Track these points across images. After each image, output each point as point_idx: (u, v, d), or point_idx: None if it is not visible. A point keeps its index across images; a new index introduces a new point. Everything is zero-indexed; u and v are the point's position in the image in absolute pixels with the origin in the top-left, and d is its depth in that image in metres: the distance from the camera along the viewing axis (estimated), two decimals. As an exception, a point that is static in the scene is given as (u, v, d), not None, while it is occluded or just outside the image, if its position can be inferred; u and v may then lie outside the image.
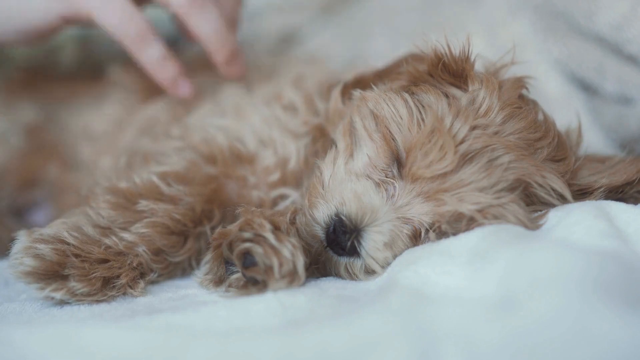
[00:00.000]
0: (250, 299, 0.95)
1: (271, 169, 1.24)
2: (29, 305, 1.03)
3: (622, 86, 1.42)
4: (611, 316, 0.74)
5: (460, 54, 1.11)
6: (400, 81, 1.16)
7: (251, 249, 1.00)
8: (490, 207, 1.00)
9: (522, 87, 1.13)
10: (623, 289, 0.79)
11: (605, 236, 0.94)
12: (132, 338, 0.83)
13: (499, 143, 1.02)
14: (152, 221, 1.13)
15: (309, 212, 1.09)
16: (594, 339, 0.72)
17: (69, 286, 1.02)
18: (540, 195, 1.05)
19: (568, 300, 0.77)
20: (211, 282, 1.07)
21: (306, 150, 1.24)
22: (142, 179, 1.17)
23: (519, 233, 0.97)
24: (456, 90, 1.10)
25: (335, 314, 0.90)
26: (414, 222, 1.04)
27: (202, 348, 0.80)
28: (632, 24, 1.38)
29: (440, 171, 1.00)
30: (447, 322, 0.80)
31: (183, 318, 0.90)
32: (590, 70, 1.47)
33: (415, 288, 0.91)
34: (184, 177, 1.19)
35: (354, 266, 1.06)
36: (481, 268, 0.89)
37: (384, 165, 1.08)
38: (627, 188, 1.10)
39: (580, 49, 1.48)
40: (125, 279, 1.07)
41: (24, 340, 0.82)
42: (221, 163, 1.23)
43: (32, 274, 1.01)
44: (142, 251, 1.11)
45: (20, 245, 1.04)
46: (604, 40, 1.43)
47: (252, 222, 1.03)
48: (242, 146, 1.25)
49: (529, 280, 0.83)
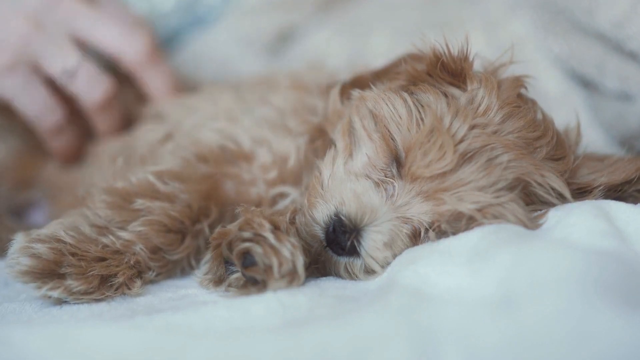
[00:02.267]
0: (250, 299, 0.95)
1: (268, 166, 1.24)
2: (29, 305, 1.04)
3: (622, 83, 1.42)
4: (612, 316, 0.74)
5: (459, 54, 1.11)
6: (399, 81, 1.15)
7: (251, 249, 1.00)
8: (490, 206, 1.00)
9: (521, 86, 1.13)
10: (623, 288, 0.80)
11: (605, 236, 0.94)
12: (132, 338, 0.83)
13: (498, 142, 1.02)
14: (148, 219, 1.13)
15: (309, 212, 1.09)
16: (595, 338, 0.72)
17: (65, 285, 1.02)
18: (539, 194, 1.05)
19: (569, 300, 0.77)
20: (211, 282, 1.07)
21: (306, 148, 1.23)
22: (138, 177, 1.17)
23: (519, 233, 0.97)
24: (455, 89, 1.10)
25: (335, 313, 0.90)
26: (413, 222, 1.04)
27: (202, 348, 0.80)
28: (632, 20, 1.37)
29: (440, 170, 1.00)
30: (447, 322, 0.80)
31: (183, 318, 0.90)
32: (590, 67, 1.47)
33: (415, 288, 0.92)
34: (179, 175, 1.19)
35: (354, 266, 1.06)
36: (481, 268, 0.89)
37: (383, 165, 1.08)
38: (626, 187, 1.10)
39: (580, 46, 1.48)
40: (122, 278, 1.07)
41: (24, 340, 0.82)
42: (213, 162, 1.23)
43: (29, 273, 1.02)
44: (140, 249, 1.11)
45: (17, 245, 1.04)
46: (605, 37, 1.43)
47: (251, 221, 1.03)
48: (234, 145, 1.25)
49: (529, 280, 0.83)
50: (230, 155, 1.24)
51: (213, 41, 1.85)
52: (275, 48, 1.84)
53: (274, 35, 1.84)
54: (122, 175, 1.20)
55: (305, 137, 1.25)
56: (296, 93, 1.34)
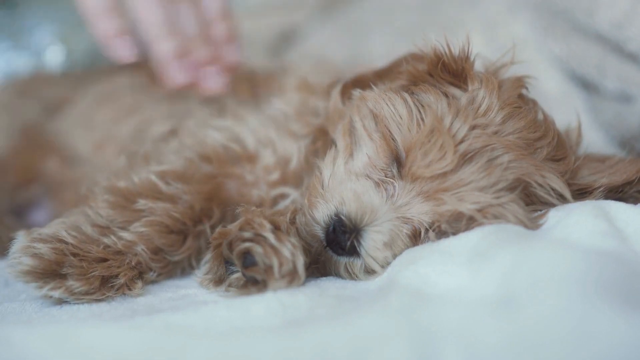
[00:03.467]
0: (250, 299, 0.95)
1: (271, 168, 1.24)
2: (29, 305, 1.03)
3: (622, 84, 1.42)
4: (613, 316, 0.74)
5: (460, 54, 1.10)
6: (399, 81, 1.15)
7: (251, 249, 1.00)
8: (490, 207, 1.00)
9: (522, 86, 1.13)
10: (624, 288, 0.79)
11: (605, 236, 0.94)
12: (132, 338, 0.82)
13: (499, 142, 1.02)
14: (150, 220, 1.13)
15: (309, 211, 1.09)
16: (596, 339, 0.72)
17: (67, 285, 1.02)
18: (539, 195, 1.05)
19: (569, 300, 0.77)
20: (211, 282, 1.07)
21: (307, 149, 1.23)
22: (140, 178, 1.17)
23: (519, 233, 0.97)
24: (456, 89, 1.10)
25: (335, 313, 0.90)
26: (413, 222, 1.04)
27: (202, 348, 0.80)
28: (632, 21, 1.38)
29: (440, 171, 1.00)
30: (447, 322, 0.80)
31: (183, 318, 0.90)
32: (590, 68, 1.47)
33: (415, 288, 0.91)
34: (182, 176, 1.19)
35: (354, 266, 1.06)
36: (481, 268, 0.89)
37: (384, 164, 1.08)
38: (626, 187, 1.10)
39: (580, 47, 1.48)
40: (123, 278, 1.07)
41: (24, 340, 0.82)
42: (216, 163, 1.23)
43: (31, 273, 1.01)
44: (141, 250, 1.11)
45: (18, 245, 1.04)
46: (605, 38, 1.43)
47: (252, 221, 1.03)
48: (238, 146, 1.25)
49: (530, 280, 0.82)
50: (234, 156, 1.24)
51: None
52: (275, 48, 1.85)
53: (275, 36, 1.85)
54: (124, 174, 1.20)
55: (308, 139, 1.25)
56: (300, 95, 1.34)
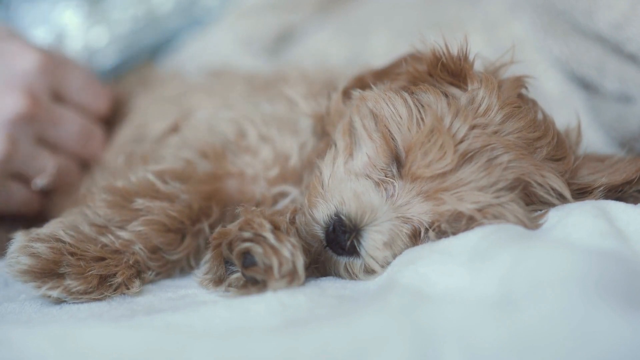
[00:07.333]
0: (250, 299, 0.95)
1: (270, 163, 1.23)
2: (29, 305, 1.04)
3: (622, 85, 1.42)
4: (613, 316, 0.74)
5: (459, 54, 1.11)
6: (399, 81, 1.16)
7: (251, 249, 1.00)
8: (490, 207, 1.00)
9: (522, 86, 1.13)
10: (624, 288, 0.79)
11: (605, 236, 0.94)
12: (132, 338, 0.83)
13: (499, 142, 1.02)
14: (148, 219, 1.13)
15: (309, 211, 1.09)
16: (596, 339, 0.72)
17: (65, 284, 1.02)
18: (539, 195, 1.05)
19: (570, 300, 0.77)
20: (211, 282, 1.07)
21: (310, 147, 1.23)
22: (138, 177, 1.18)
23: (519, 232, 0.97)
24: (455, 89, 1.10)
25: (335, 313, 0.90)
26: (413, 222, 1.04)
27: (202, 348, 0.80)
28: (632, 22, 1.38)
29: (440, 170, 1.00)
30: (447, 322, 0.80)
31: (183, 318, 0.90)
32: (590, 69, 1.47)
33: (415, 288, 0.91)
34: (181, 175, 1.19)
35: (354, 266, 1.06)
36: (481, 268, 0.89)
37: (384, 164, 1.08)
38: (626, 187, 1.10)
39: (580, 48, 1.48)
40: (121, 277, 1.07)
41: (23, 339, 0.82)
42: (215, 159, 1.23)
43: (29, 272, 1.02)
44: (139, 249, 1.11)
45: (16, 244, 1.04)
46: (604, 38, 1.43)
47: (251, 221, 1.03)
48: (241, 137, 1.25)
49: (530, 280, 0.82)
50: (235, 148, 1.24)
51: (212, 42, 1.86)
52: (274, 48, 1.84)
53: (274, 36, 1.85)
54: (123, 174, 1.20)
55: (311, 130, 1.25)
56: (305, 82, 1.35)
